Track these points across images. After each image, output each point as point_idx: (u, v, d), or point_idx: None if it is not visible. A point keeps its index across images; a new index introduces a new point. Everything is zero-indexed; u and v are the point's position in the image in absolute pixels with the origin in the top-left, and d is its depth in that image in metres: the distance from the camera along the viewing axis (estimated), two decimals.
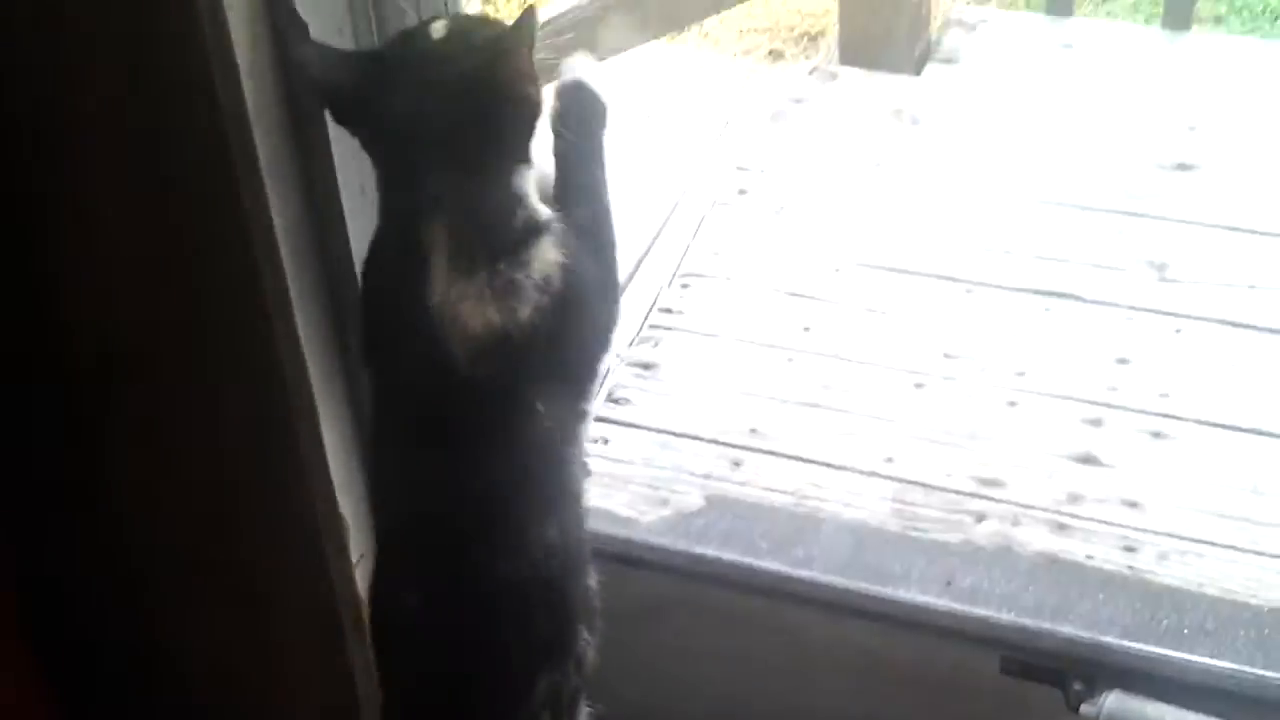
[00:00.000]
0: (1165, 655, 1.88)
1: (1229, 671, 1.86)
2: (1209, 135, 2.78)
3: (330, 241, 1.66)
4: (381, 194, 1.54)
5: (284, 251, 1.59)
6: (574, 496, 1.62)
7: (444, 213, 1.47)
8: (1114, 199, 2.67)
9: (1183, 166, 2.72)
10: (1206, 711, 1.83)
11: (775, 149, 2.84)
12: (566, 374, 1.56)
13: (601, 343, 1.60)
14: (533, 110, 1.49)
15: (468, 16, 1.61)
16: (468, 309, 1.46)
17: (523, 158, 1.51)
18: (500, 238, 1.48)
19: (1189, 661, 1.87)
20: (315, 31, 1.53)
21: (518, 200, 1.49)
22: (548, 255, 1.49)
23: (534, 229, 1.49)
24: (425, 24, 1.52)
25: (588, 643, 1.65)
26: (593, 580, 1.67)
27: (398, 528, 1.64)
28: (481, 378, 1.48)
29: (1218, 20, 3.89)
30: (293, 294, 1.62)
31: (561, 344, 1.52)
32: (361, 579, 1.80)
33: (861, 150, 2.81)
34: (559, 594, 1.61)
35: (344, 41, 1.59)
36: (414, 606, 1.60)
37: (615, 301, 1.63)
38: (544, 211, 1.51)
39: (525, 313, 1.47)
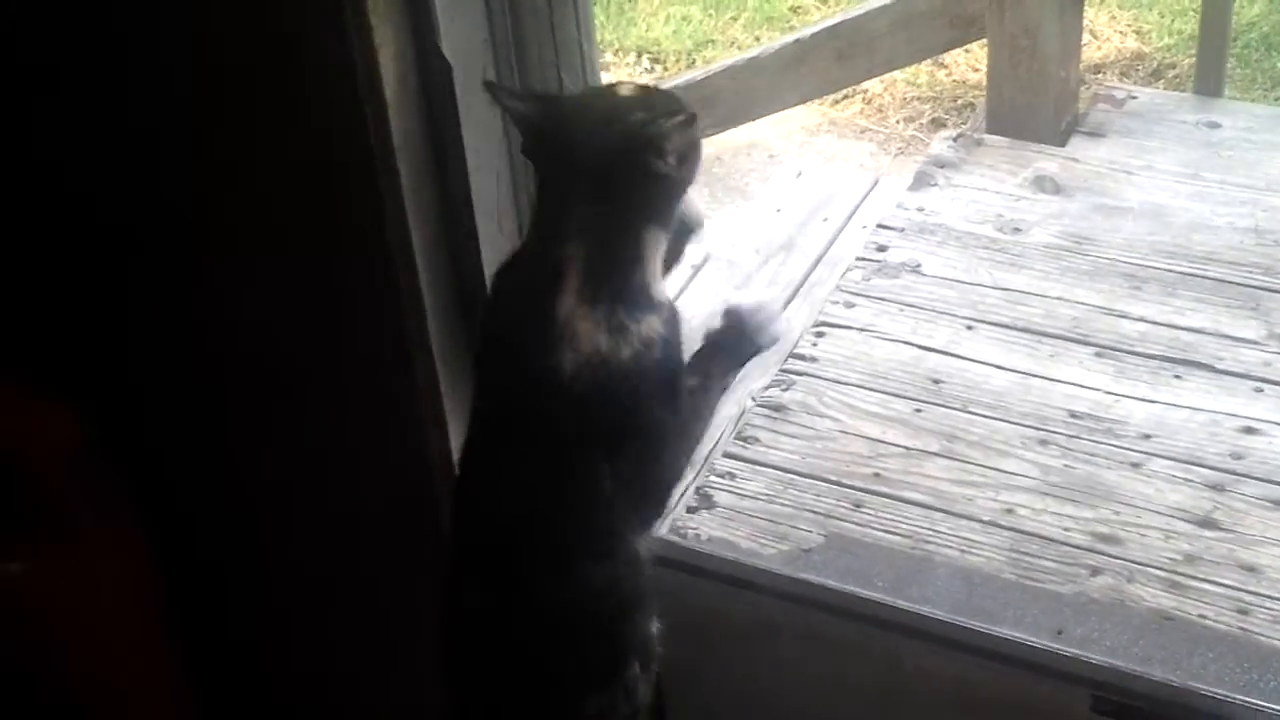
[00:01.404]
0: (1255, 705, 1.90)
1: None
2: None
3: (467, 271, 1.78)
4: (534, 214, 1.71)
5: (423, 280, 1.72)
6: (629, 561, 1.75)
7: (583, 243, 1.63)
8: (1251, 274, 2.69)
9: None
10: None
11: (917, 210, 2.90)
12: (633, 466, 1.70)
13: (667, 468, 1.77)
14: (671, 187, 1.66)
15: (656, 89, 1.78)
16: (585, 328, 1.63)
17: (657, 221, 1.67)
18: (622, 284, 1.65)
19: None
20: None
21: (641, 258, 1.66)
22: (654, 323, 1.66)
23: (649, 296, 1.67)
24: (618, 84, 1.73)
25: (638, 677, 1.78)
26: (654, 626, 1.80)
27: (469, 532, 1.76)
28: (574, 393, 1.63)
29: None
30: (430, 326, 1.75)
31: (637, 421, 1.69)
32: None
33: (1001, 214, 2.87)
34: (610, 631, 1.76)
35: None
36: (474, 608, 1.75)
37: (685, 453, 1.80)
38: (662, 289, 1.68)
39: (626, 353, 1.64)
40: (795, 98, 3.33)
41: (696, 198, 1.78)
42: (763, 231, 3.05)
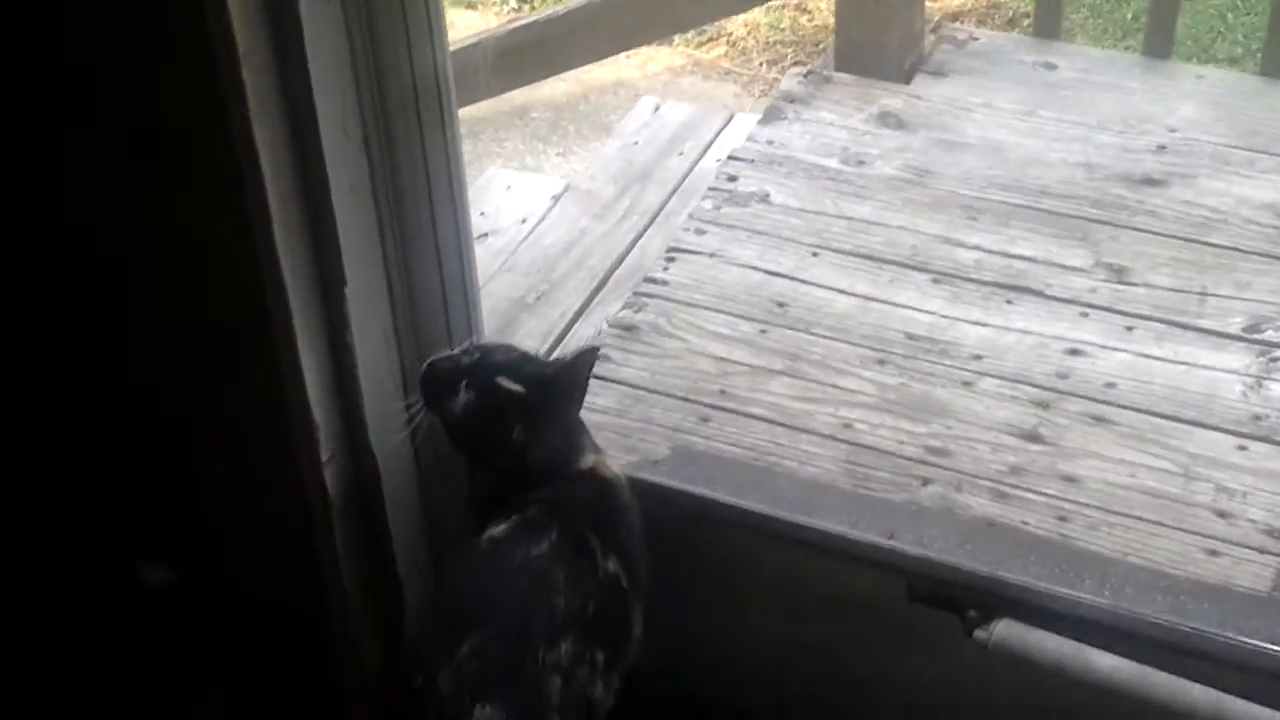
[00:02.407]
0: (1058, 592, 2.03)
1: (1106, 606, 2.02)
2: (1177, 155, 2.93)
3: (312, 171, 1.84)
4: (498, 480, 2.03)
5: (267, 178, 1.79)
6: None
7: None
8: (1082, 207, 2.82)
9: (1150, 181, 2.87)
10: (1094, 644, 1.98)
11: (767, 143, 3.00)
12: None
13: None
14: None
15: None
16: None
17: None
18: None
19: (1078, 597, 2.02)
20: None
21: None
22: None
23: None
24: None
25: None
26: None
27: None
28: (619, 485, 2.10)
29: (1234, 61, 4.03)
30: (275, 224, 1.82)
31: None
32: (329, 477, 1.98)
33: (847, 148, 2.98)
34: None
35: None
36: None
37: None
38: None
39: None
40: (654, 34, 3.42)
41: None
42: (621, 164, 3.14)
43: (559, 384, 2.04)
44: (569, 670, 1.89)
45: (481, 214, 3.01)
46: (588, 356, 2.07)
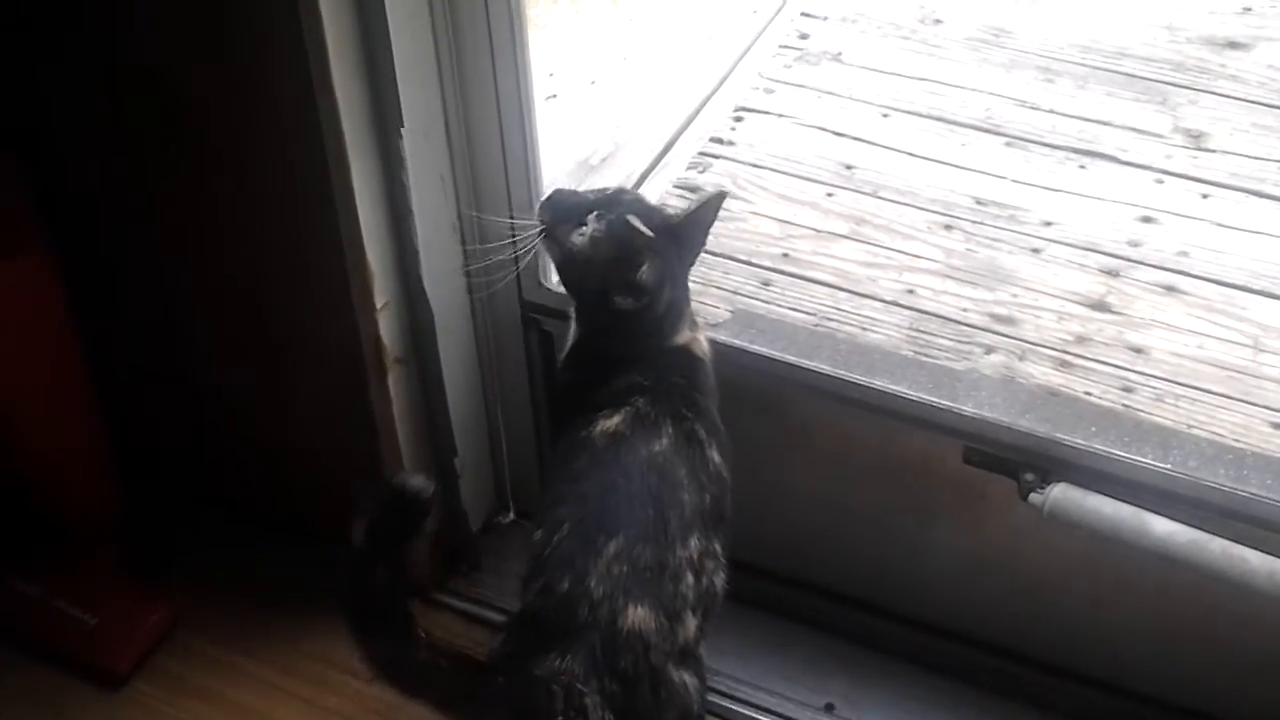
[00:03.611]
0: (1111, 453, 2.00)
1: (1165, 470, 1.99)
2: (1263, 17, 2.84)
3: (370, 21, 1.83)
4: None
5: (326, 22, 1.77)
6: None
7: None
8: (1163, 71, 2.75)
9: (1234, 44, 2.79)
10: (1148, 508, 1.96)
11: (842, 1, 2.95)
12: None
13: None
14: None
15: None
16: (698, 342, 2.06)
17: None
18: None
19: (1136, 460, 1.99)
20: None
21: None
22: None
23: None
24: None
25: None
26: None
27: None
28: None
29: None
30: (331, 58, 1.80)
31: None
32: (384, 324, 1.97)
33: (924, 6, 2.92)
34: None
35: None
36: None
37: None
38: None
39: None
40: None
41: None
42: (692, 23, 3.08)
43: (684, 236, 1.99)
44: (699, 564, 1.89)
45: (550, 75, 2.98)
46: (714, 202, 2.00)
